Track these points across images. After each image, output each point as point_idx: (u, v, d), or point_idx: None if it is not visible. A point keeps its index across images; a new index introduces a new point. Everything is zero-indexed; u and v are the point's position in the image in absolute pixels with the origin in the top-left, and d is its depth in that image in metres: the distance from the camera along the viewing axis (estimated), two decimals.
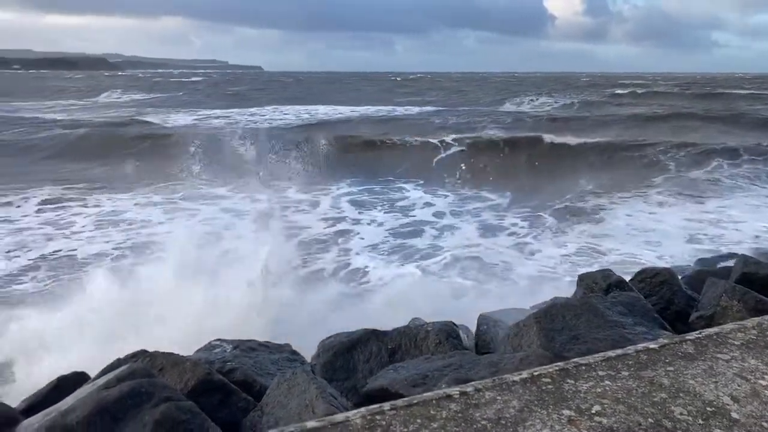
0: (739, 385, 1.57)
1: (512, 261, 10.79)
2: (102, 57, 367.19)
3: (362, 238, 12.37)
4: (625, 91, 59.75)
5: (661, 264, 10.19)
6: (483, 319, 5.41)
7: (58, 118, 37.40)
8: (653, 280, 5.88)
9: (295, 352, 5.46)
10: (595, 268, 9.71)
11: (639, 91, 58.85)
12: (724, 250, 11.03)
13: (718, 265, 7.91)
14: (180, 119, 38.34)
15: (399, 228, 13.21)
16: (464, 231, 12.99)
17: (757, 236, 11.85)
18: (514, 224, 13.35)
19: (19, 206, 14.78)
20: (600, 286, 5.64)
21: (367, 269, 10.23)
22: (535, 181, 18.65)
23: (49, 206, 14.73)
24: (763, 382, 1.60)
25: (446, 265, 10.39)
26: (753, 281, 5.51)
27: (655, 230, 12.67)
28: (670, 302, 5.66)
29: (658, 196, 16.07)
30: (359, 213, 14.79)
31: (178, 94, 68.77)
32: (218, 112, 43.24)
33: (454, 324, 5.30)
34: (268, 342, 5.50)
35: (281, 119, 37.73)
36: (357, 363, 4.92)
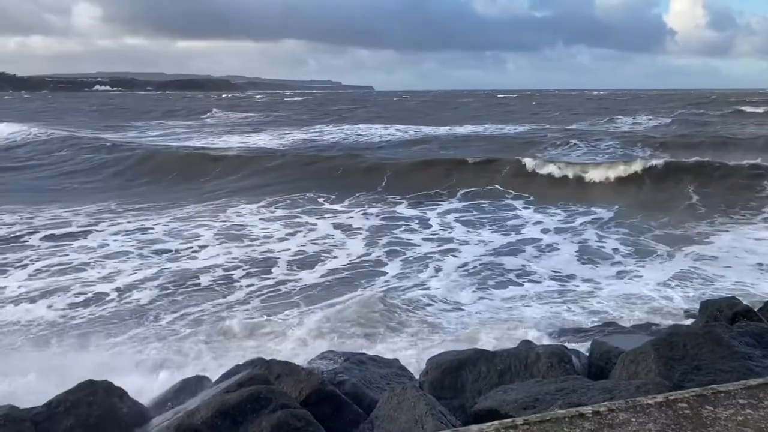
0: None
1: (613, 284, 10.44)
2: (226, 78, 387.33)
3: (459, 257, 12.42)
4: (749, 110, 55.57)
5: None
6: (597, 345, 5.24)
7: (184, 138, 39.71)
8: None
9: (403, 368, 5.54)
10: (699, 295, 9.25)
11: (755, 111, 54.26)
12: None
13: None
14: (298, 135, 40.19)
15: (501, 248, 13.10)
16: (565, 252, 12.72)
17: None
18: (616, 249, 12.88)
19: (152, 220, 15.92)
20: (725, 314, 5.34)
21: (460, 293, 10.18)
22: (639, 200, 17.96)
23: (178, 221, 15.75)
24: None
25: (548, 290, 10.17)
26: None
27: (765, 256, 11.93)
28: None
29: (764, 222, 15.20)
30: (467, 231, 14.81)
31: (284, 113, 71.09)
32: (329, 128, 44.89)
33: (566, 348, 5.18)
34: (376, 356, 5.61)
35: (386, 136, 38.39)
36: (465, 382, 4.91)
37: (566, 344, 5.52)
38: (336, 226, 15.27)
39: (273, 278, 10.96)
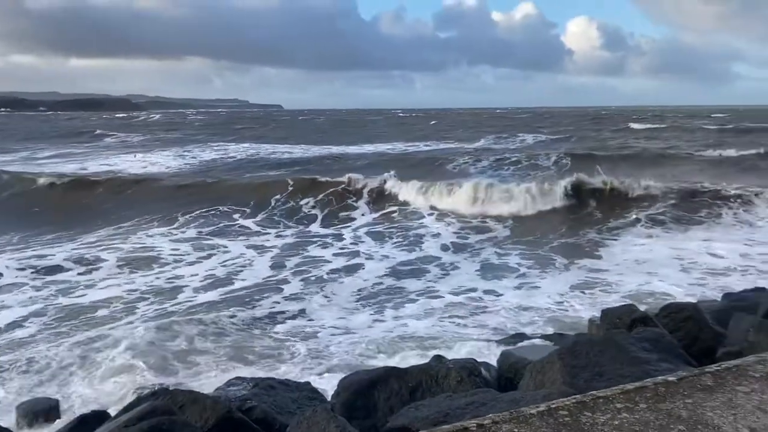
0: (758, 418, 1.53)
1: (517, 296, 10.70)
2: (126, 98, 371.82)
3: (362, 274, 12.47)
4: (637, 126, 58.44)
5: (662, 292, 10.35)
6: (505, 357, 5.34)
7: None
8: (678, 315, 5.78)
9: (315, 390, 5.43)
10: (601, 302, 9.69)
11: (641, 127, 56.98)
12: (711, 279, 11.22)
13: (746, 300, 7.76)
14: (205, 155, 39.31)
15: (404, 265, 13.23)
16: (468, 267, 12.97)
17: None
18: (518, 263, 13.25)
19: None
20: (623, 321, 5.56)
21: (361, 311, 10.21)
22: (538, 213, 18.63)
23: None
24: None
25: (451, 305, 10.28)
26: None
27: (650, 261, 12.74)
28: (696, 338, 5.55)
29: (645, 229, 16.27)
30: (375, 247, 14.92)
31: (186, 133, 68.77)
32: (233, 146, 44.14)
33: (476, 361, 5.24)
34: (287, 380, 5.48)
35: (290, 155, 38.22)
36: (377, 401, 4.87)
37: (476, 357, 5.57)
38: (248, 246, 15.00)
39: (172, 303, 10.56)
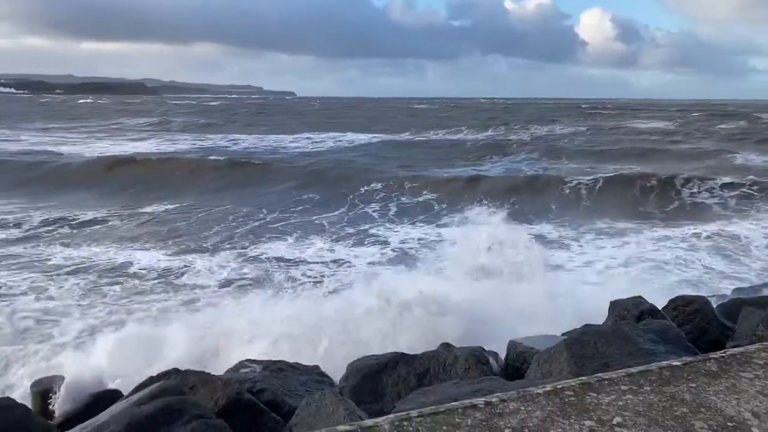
0: (760, 402, 1.56)
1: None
2: (140, 82, 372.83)
3: None
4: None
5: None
6: (513, 345, 5.36)
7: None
8: (687, 308, 5.78)
9: (323, 374, 5.50)
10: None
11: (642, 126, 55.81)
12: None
13: (757, 294, 7.73)
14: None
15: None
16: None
17: None
18: None
19: None
20: (632, 313, 5.57)
21: None
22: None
23: None
24: None
25: None
26: None
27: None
28: (704, 331, 5.55)
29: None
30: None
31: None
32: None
33: (483, 349, 5.27)
34: (297, 363, 5.54)
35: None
36: (385, 386, 4.92)
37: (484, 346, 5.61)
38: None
39: None
